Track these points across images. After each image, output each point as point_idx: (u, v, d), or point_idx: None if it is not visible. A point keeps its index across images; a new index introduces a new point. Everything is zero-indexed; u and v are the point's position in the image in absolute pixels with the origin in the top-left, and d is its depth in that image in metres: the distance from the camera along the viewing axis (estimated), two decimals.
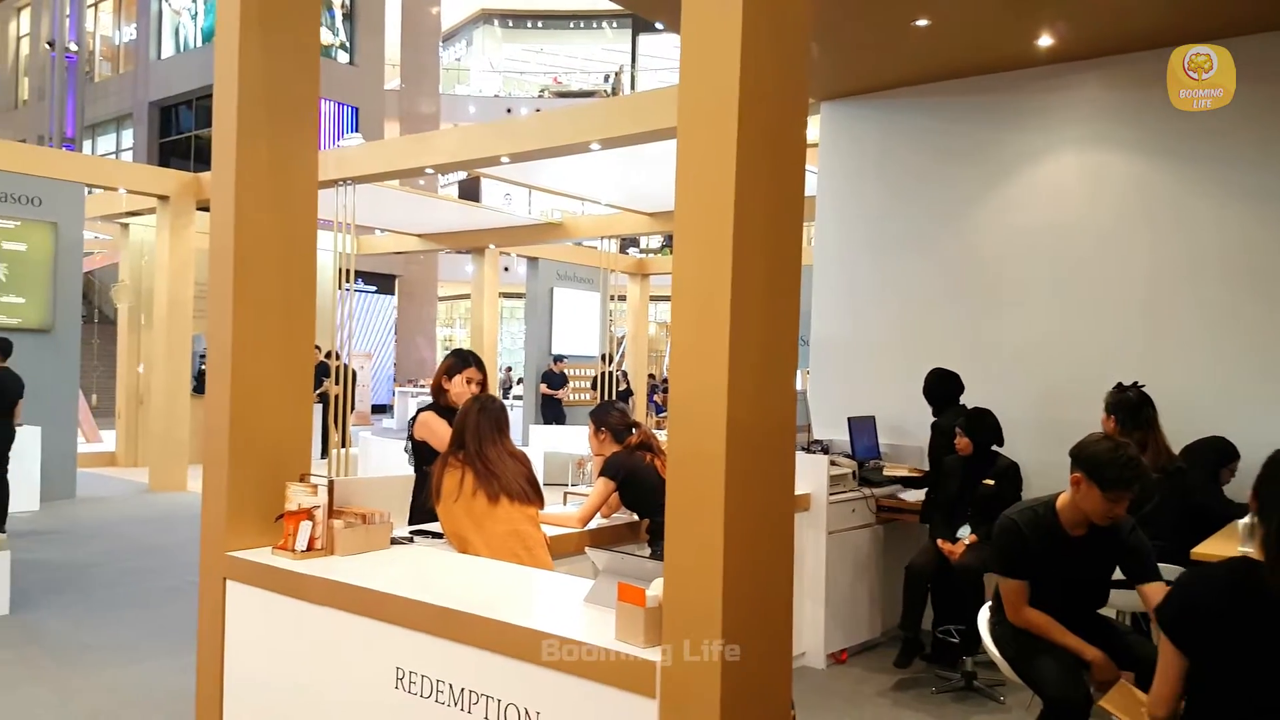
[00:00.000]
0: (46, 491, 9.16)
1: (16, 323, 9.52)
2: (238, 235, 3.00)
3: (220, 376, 3.04)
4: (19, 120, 26.95)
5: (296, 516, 2.99)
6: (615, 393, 13.33)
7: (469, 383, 4.02)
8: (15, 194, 9.67)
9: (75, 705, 4.21)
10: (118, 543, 7.81)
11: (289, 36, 3.12)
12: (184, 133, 23.25)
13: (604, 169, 9.24)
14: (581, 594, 2.47)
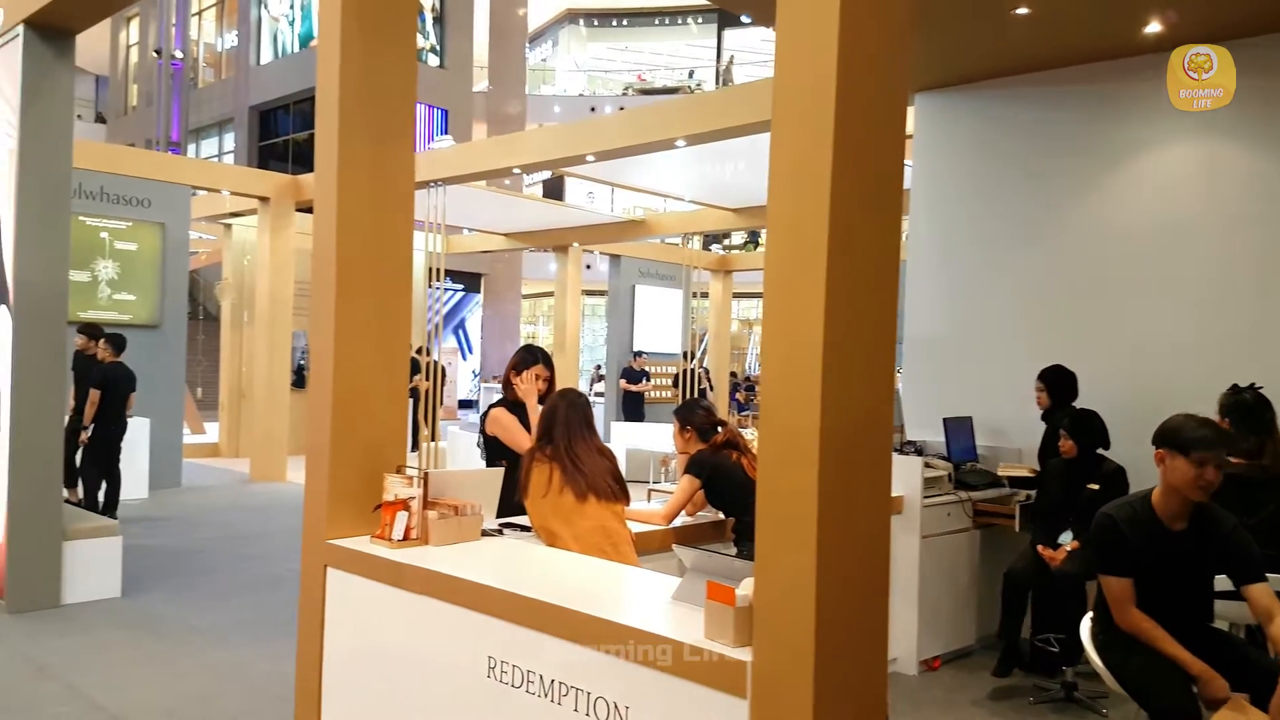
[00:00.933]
0: (155, 480, 9.61)
1: (127, 319, 9.99)
2: (339, 235, 3.10)
3: (323, 371, 3.14)
4: (128, 125, 28.32)
5: (393, 507, 3.07)
6: (696, 390, 13.31)
7: (537, 379, 4.09)
8: (126, 196, 10.14)
9: (184, 685, 4.40)
10: (221, 530, 8.14)
11: (388, 42, 3.20)
12: (282, 136, 24.08)
13: (688, 165, 9.23)
14: (668, 591, 2.47)
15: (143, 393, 8.12)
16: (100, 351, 7.57)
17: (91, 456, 7.44)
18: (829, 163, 1.93)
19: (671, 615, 2.30)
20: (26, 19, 5.45)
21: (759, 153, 7.99)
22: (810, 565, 1.92)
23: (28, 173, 5.51)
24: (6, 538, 5.45)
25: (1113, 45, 5.12)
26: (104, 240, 10.00)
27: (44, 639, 4.97)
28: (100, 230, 9.95)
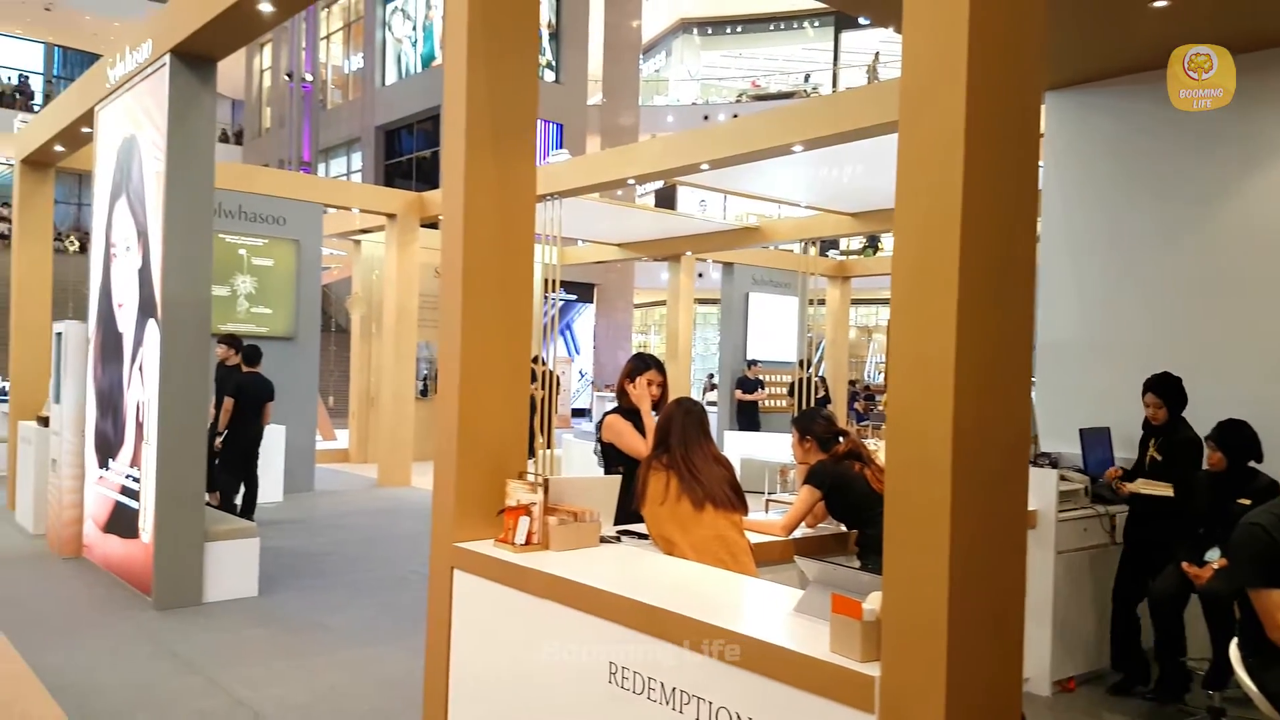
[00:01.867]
0: (289, 485, 10.08)
1: (265, 331, 10.52)
2: (466, 249, 3.19)
3: (450, 380, 3.24)
4: (262, 146, 29.90)
5: (516, 512, 3.13)
6: (814, 399, 13.10)
7: (650, 385, 4.10)
8: (263, 214, 10.70)
9: (317, 682, 4.59)
10: (350, 533, 8.47)
11: (511, 60, 3.28)
12: (406, 154, 24.98)
13: (804, 170, 9.12)
14: (790, 602, 2.43)
15: (278, 401, 8.51)
16: (234, 360, 7.96)
17: (228, 462, 7.83)
18: (960, 164, 1.88)
19: (794, 627, 2.27)
20: (173, 48, 5.81)
21: (879, 155, 7.87)
22: (942, 580, 1.87)
23: (174, 193, 5.87)
24: (154, 539, 5.80)
25: (1254, 37, 4.80)
26: (242, 256, 10.57)
27: (188, 635, 5.26)
28: (239, 247, 10.52)
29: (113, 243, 6.84)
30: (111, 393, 6.70)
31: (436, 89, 22.36)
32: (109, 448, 6.69)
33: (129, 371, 6.40)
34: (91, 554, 6.93)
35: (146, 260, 6.15)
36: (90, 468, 7.03)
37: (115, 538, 6.49)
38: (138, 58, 6.31)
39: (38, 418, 8.24)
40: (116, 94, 6.78)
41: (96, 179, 7.21)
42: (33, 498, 7.92)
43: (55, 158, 8.94)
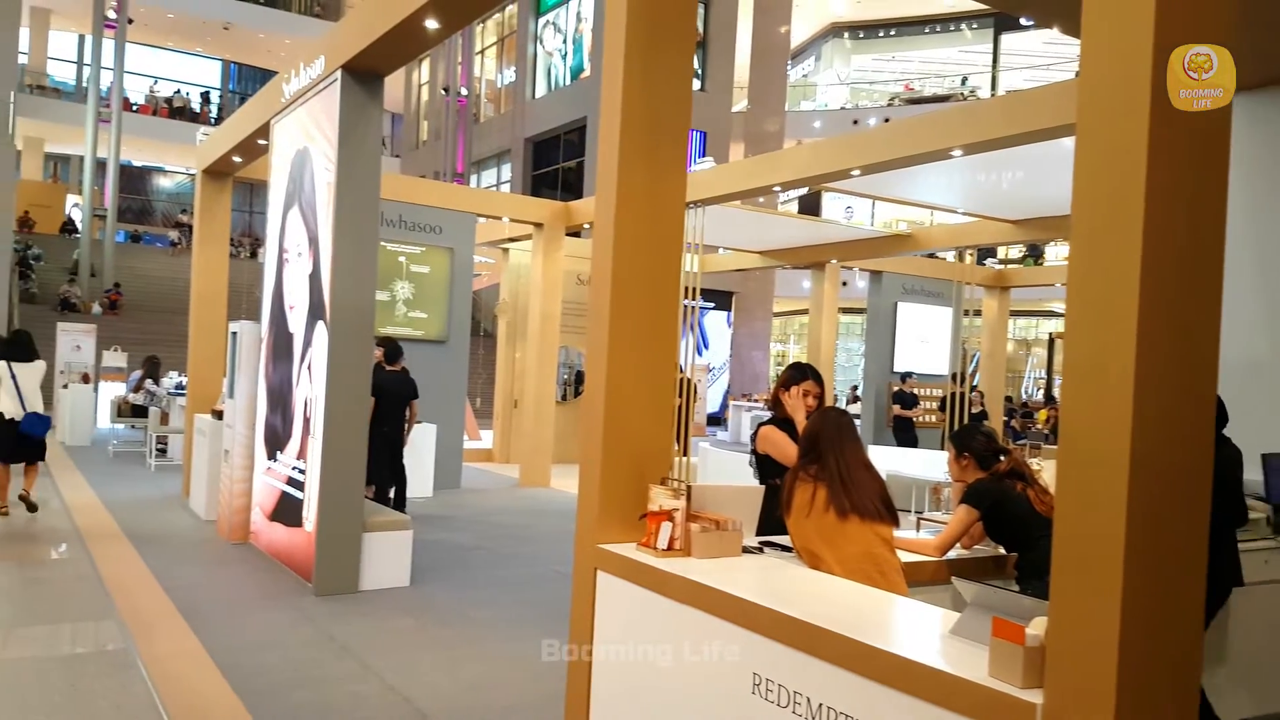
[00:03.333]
0: (438, 481, 10.49)
1: (420, 334, 11.00)
2: (615, 256, 3.24)
3: (596, 384, 3.30)
4: (419, 159, 31.29)
5: (658, 517, 3.15)
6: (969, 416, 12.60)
7: (805, 395, 4.03)
8: (421, 224, 11.19)
9: (464, 672, 4.75)
10: (495, 530, 8.73)
11: (667, 70, 3.32)
12: (552, 165, 25.64)
13: (960, 175, 8.80)
14: (945, 624, 2.35)
15: (430, 402, 8.88)
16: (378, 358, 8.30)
17: (380, 458, 8.18)
18: (1143, 170, 1.77)
19: (951, 650, 2.19)
20: (344, 64, 6.15)
21: (1043, 160, 7.51)
22: (1114, 609, 1.77)
23: (343, 203, 6.21)
24: (316, 528, 6.14)
25: None
26: (401, 264, 11.09)
27: (345, 621, 5.53)
28: (399, 255, 11.04)
29: (285, 249, 7.29)
30: (281, 389, 7.14)
31: (583, 101, 22.88)
32: (277, 441, 7.13)
33: (298, 370, 6.81)
34: (258, 540, 7.39)
35: (317, 266, 6.53)
36: (259, 459, 7.50)
37: (280, 526, 6.91)
38: (311, 73, 6.71)
39: (213, 411, 8.85)
40: (291, 108, 7.23)
41: (271, 188, 7.70)
42: (206, 486, 8.52)
43: (233, 168, 9.60)
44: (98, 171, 23.64)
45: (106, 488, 9.82)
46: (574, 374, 14.22)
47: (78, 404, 13.77)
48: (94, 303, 22.25)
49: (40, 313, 20.63)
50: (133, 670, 4.53)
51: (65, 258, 24.13)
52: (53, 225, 26.87)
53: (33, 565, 6.76)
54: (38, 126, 26.81)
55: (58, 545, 7.29)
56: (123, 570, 6.46)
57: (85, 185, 23.73)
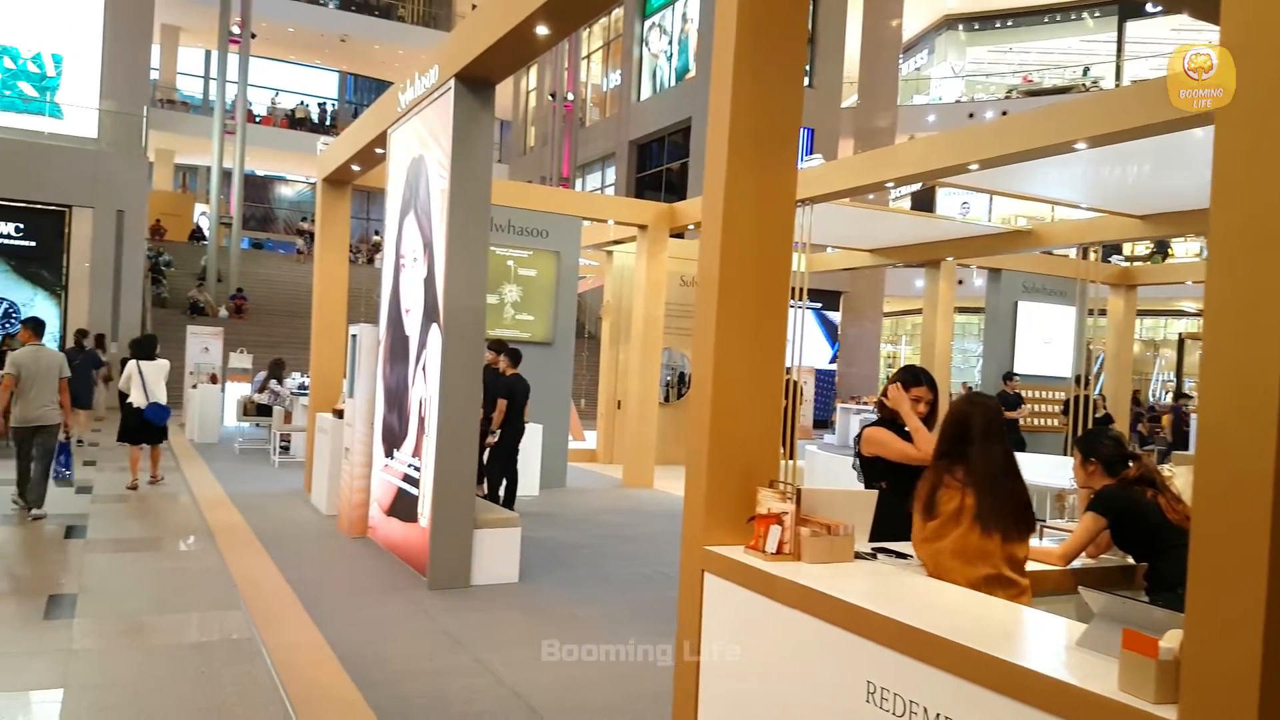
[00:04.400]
0: (544, 480, 10.66)
1: (527, 336, 11.20)
2: (723, 257, 3.23)
3: (703, 386, 3.29)
4: (526, 164, 31.86)
5: (767, 520, 3.12)
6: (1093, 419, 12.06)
7: (917, 401, 3.91)
8: (529, 228, 11.40)
9: (572, 668, 4.81)
10: (599, 529, 8.82)
11: (778, 68, 3.29)
12: (656, 167, 25.75)
13: (1083, 169, 8.43)
14: (1070, 635, 2.26)
15: (536, 402, 9.04)
16: (501, 364, 8.52)
17: (495, 457, 8.41)
18: None
19: (1077, 662, 2.10)
20: (457, 73, 6.32)
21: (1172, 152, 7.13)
22: (1256, 621, 1.67)
23: (456, 209, 6.37)
24: (431, 524, 6.32)
25: None
26: (509, 267, 11.32)
27: (458, 614, 5.68)
28: (507, 259, 11.27)
29: (402, 254, 7.54)
30: (398, 389, 7.38)
31: (688, 102, 22.91)
32: (394, 439, 7.37)
33: (413, 370, 7.03)
34: (375, 535, 7.65)
35: (431, 270, 6.73)
36: (377, 456, 7.77)
37: (397, 521, 7.14)
38: (425, 83, 6.91)
39: (333, 410, 9.20)
40: (406, 117, 7.47)
41: (388, 196, 7.97)
42: (326, 482, 8.86)
43: (351, 176, 9.97)
44: (223, 181, 24.90)
45: (233, 483, 10.33)
46: (677, 375, 14.24)
47: (206, 403, 14.51)
48: (221, 307, 23.44)
49: (171, 316, 21.87)
50: (257, 659, 4.75)
51: (194, 264, 25.49)
52: (182, 233, 28.43)
53: (166, 557, 7.17)
54: (168, 139, 28.39)
55: (188, 538, 7.71)
56: (248, 562, 6.78)
57: (212, 194, 25.02)
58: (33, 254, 18.67)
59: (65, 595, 5.72)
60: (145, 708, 4.08)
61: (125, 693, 4.27)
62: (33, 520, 7.86)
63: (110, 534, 7.62)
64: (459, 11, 32.14)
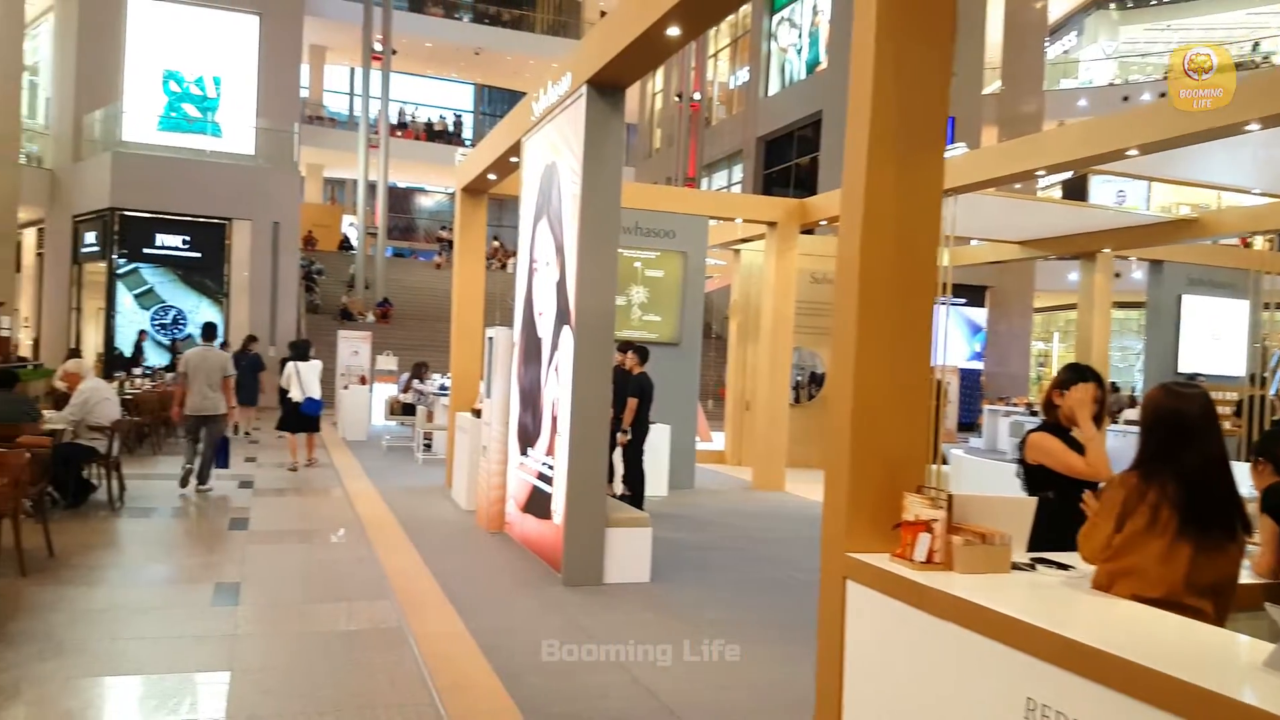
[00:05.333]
0: (672, 481, 10.67)
1: (654, 337, 11.24)
2: (864, 251, 3.14)
3: (843, 385, 3.20)
4: (651, 166, 32.05)
5: (914, 527, 3.01)
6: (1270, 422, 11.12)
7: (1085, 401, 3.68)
8: (655, 229, 11.45)
9: (705, 670, 4.80)
10: (729, 531, 8.76)
11: (921, 52, 3.17)
12: (784, 163, 25.44)
13: (1254, 152, 7.81)
14: (1255, 655, 2.08)
15: (664, 403, 9.06)
16: (629, 361, 8.57)
17: (630, 456, 8.47)
18: None
19: (1263, 685, 1.93)
20: (589, 79, 6.39)
21: None
22: None
23: (587, 213, 6.45)
24: (564, 521, 6.41)
25: None
26: (636, 269, 11.40)
27: (591, 611, 5.74)
28: (634, 260, 11.35)
29: (535, 259, 7.69)
30: (532, 389, 7.53)
31: (819, 95, 22.55)
32: (528, 437, 7.53)
33: (546, 371, 7.16)
34: (512, 530, 7.83)
35: (563, 274, 6.83)
36: (513, 454, 7.95)
37: (531, 518, 7.29)
38: (558, 91, 7.03)
39: (472, 410, 9.49)
40: (539, 126, 7.61)
41: (522, 202, 8.15)
42: (466, 479, 9.14)
43: (488, 185, 10.25)
44: (369, 193, 26.07)
45: (381, 478, 10.79)
46: (808, 375, 14.00)
47: (356, 403, 15.25)
48: (368, 312, 24.55)
49: (323, 321, 23.05)
50: (405, 647, 4.93)
51: (343, 272, 26.78)
52: (332, 243, 29.93)
53: (320, 548, 7.54)
54: (317, 154, 29.93)
55: (340, 530, 8.09)
56: (396, 554, 7.06)
57: (359, 206, 26.22)
58: (197, 264, 20.03)
59: (229, 583, 6.09)
60: (303, 691, 4.30)
61: (284, 676, 4.50)
62: (198, 493, 9.15)
63: (269, 526, 8.09)
64: (587, 19, 32.63)
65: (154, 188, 19.24)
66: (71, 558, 6.48)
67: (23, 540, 6.01)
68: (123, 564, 6.71)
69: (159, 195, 19.30)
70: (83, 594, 5.69)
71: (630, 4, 5.74)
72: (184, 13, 21.29)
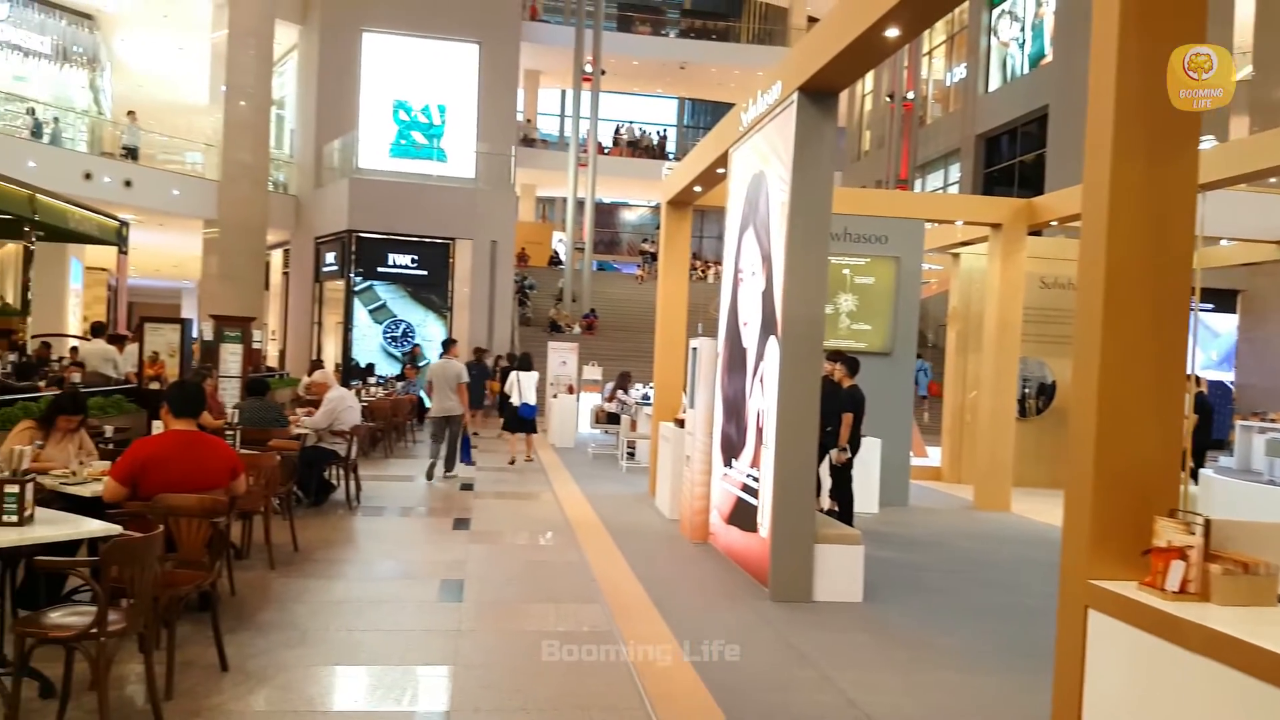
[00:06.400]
0: (884, 497, 10.26)
1: (863, 346, 10.89)
2: (1109, 253, 2.88)
3: (1086, 398, 2.95)
4: (859, 169, 31.30)
5: (1166, 554, 2.73)
6: None
7: None
8: (865, 234, 11.11)
9: (925, 696, 4.56)
10: (948, 553, 8.33)
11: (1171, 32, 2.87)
12: (1006, 161, 24.12)
13: None
14: None
15: (875, 416, 8.73)
16: (838, 374, 8.32)
17: (842, 473, 8.23)
18: None
19: None
20: (800, 86, 6.29)
21: None
22: None
23: (796, 221, 6.34)
24: (771, 535, 6.31)
25: None
26: (845, 276, 11.11)
27: (801, 629, 5.60)
28: (843, 267, 11.07)
29: (740, 269, 7.66)
30: (736, 400, 7.49)
31: (1045, 89, 21.26)
32: (732, 448, 7.49)
33: (751, 382, 7.09)
34: (716, 541, 7.81)
35: (770, 283, 6.75)
36: (716, 465, 7.94)
37: (736, 530, 7.23)
38: (767, 99, 6.97)
39: (675, 419, 9.57)
40: (748, 135, 7.58)
41: (728, 213, 8.14)
42: (669, 488, 9.22)
43: (693, 197, 10.33)
44: (577, 210, 27.06)
45: (588, 484, 11.10)
46: (1036, 387, 13.12)
47: (564, 411, 15.81)
48: (575, 324, 25.45)
49: (534, 334, 24.12)
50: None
51: (552, 286, 27.95)
52: (542, 259, 31.32)
53: (534, 549, 7.84)
54: (531, 174, 31.44)
55: (552, 533, 8.37)
56: (604, 559, 7.21)
57: (568, 222, 27.30)
58: (424, 281, 21.50)
59: (453, 580, 6.43)
60: (520, 688, 4.45)
61: (503, 673, 4.69)
62: (444, 479, 10.89)
63: (488, 526, 8.51)
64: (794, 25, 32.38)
65: (386, 211, 20.86)
66: (314, 552, 7.06)
67: (272, 535, 6.61)
68: (358, 559, 7.25)
69: (390, 218, 20.90)
70: (323, 586, 6.18)
71: (846, 7, 5.62)
72: (412, 45, 22.96)
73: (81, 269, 22.67)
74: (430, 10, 22.99)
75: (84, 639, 3.53)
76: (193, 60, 23.02)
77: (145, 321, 11.30)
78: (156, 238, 23.16)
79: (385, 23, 22.81)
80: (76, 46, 22.49)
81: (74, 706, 3.80)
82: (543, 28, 29.63)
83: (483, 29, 23.11)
